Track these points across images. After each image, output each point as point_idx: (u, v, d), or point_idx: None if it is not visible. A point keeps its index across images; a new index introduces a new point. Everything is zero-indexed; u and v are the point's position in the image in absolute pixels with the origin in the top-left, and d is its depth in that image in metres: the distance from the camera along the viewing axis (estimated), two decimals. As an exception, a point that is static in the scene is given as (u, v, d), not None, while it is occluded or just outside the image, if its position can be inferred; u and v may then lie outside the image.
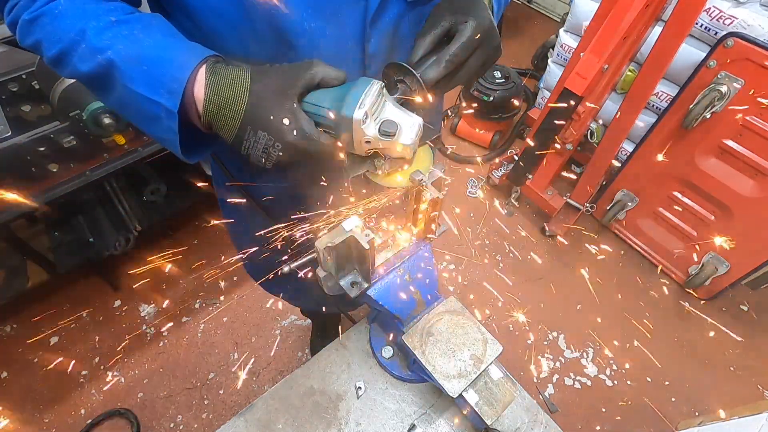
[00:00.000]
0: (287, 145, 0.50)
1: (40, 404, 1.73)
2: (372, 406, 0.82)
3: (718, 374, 1.86)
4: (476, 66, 0.58)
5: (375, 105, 0.51)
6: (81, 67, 0.52)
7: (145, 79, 0.50)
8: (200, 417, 1.71)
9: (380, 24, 0.61)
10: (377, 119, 0.51)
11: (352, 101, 0.49)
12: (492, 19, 0.57)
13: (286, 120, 0.49)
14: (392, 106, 0.53)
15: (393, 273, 0.72)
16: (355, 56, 0.63)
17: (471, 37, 0.55)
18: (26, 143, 1.39)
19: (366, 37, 0.62)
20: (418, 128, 0.54)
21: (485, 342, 0.71)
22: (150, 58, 0.50)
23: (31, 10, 0.53)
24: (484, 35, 0.56)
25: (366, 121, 0.50)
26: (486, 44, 0.57)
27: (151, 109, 0.51)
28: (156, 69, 0.50)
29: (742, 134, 1.67)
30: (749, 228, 1.78)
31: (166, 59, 0.50)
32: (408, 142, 0.53)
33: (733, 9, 1.67)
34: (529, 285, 2.12)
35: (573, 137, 1.94)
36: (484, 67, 0.60)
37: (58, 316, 1.97)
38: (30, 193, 1.49)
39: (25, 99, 1.53)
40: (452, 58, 0.55)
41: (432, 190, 0.65)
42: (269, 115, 0.49)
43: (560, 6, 3.61)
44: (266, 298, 2.04)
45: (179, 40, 0.53)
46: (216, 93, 0.50)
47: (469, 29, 0.55)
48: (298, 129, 0.49)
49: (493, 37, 0.58)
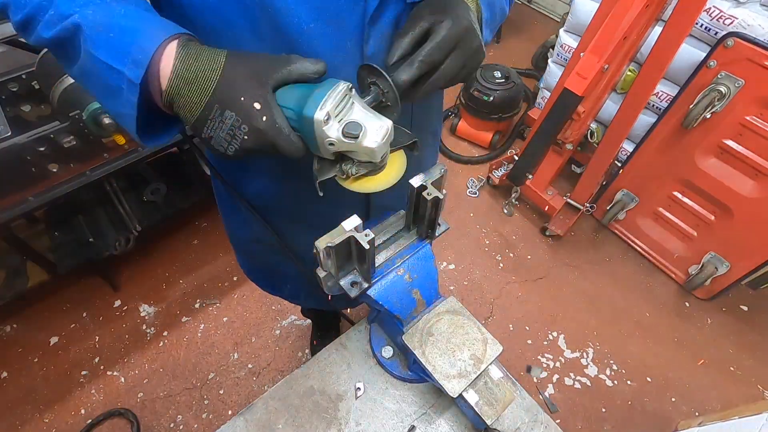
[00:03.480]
0: (254, 130, 0.47)
1: (40, 404, 1.73)
2: (372, 406, 0.82)
3: (718, 374, 1.86)
4: (454, 68, 0.55)
5: (340, 106, 0.49)
6: (44, 34, 0.49)
7: (110, 47, 0.46)
8: (200, 417, 1.71)
9: (379, 24, 0.60)
10: (341, 120, 0.50)
11: (315, 101, 0.48)
12: (471, 20, 0.55)
13: (257, 104, 0.47)
14: (360, 108, 0.52)
15: (393, 273, 0.72)
16: (353, 57, 0.62)
17: (446, 37, 0.53)
18: (26, 143, 1.39)
19: (365, 38, 0.61)
20: (386, 131, 0.52)
21: (485, 342, 0.71)
22: (118, 26, 0.47)
23: None
24: (461, 36, 0.54)
25: (329, 122, 0.48)
26: (464, 45, 0.55)
27: (113, 79, 0.47)
28: (123, 37, 0.46)
29: (742, 134, 1.67)
30: (749, 228, 1.78)
31: (135, 29, 0.47)
32: (373, 144, 0.51)
33: (733, 9, 1.68)
34: (529, 285, 2.12)
35: (573, 137, 1.94)
36: (466, 70, 0.57)
37: (58, 316, 1.97)
38: (30, 193, 1.49)
39: (25, 99, 1.53)
40: (425, 58, 0.53)
41: (432, 190, 0.65)
42: (240, 96, 0.47)
43: (560, 6, 3.61)
44: (266, 298, 2.04)
45: (154, 14, 0.51)
46: (186, 67, 0.47)
47: (444, 29, 0.53)
48: (269, 116, 0.47)
49: (471, 38, 0.55)
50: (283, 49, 0.58)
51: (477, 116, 2.58)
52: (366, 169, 0.55)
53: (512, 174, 2.18)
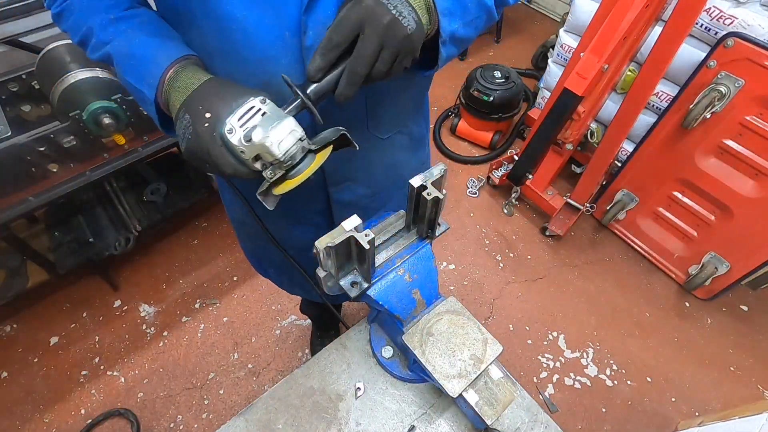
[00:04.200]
0: (194, 133, 0.53)
1: (40, 404, 1.73)
2: (372, 406, 0.82)
3: (718, 374, 1.86)
4: (369, 51, 0.51)
5: (244, 118, 0.53)
6: (93, 56, 0.66)
7: (134, 72, 0.62)
8: (200, 417, 1.71)
9: (316, 14, 0.58)
10: (245, 128, 0.53)
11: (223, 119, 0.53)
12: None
13: (207, 114, 0.53)
14: (267, 117, 0.53)
15: (393, 273, 0.72)
16: (292, 48, 0.60)
17: (344, 17, 0.50)
18: (26, 143, 1.39)
19: (302, 29, 0.59)
20: (283, 129, 0.52)
21: (485, 342, 0.71)
22: (137, 55, 0.61)
23: (56, 5, 0.68)
24: (364, 14, 0.50)
25: (232, 132, 0.52)
26: (371, 23, 0.50)
27: (139, 93, 0.63)
28: (140, 65, 0.61)
29: (742, 134, 1.67)
30: (749, 228, 1.78)
31: (150, 57, 0.61)
32: (268, 143, 0.52)
33: (733, 9, 1.67)
34: (529, 285, 2.12)
35: (573, 137, 1.94)
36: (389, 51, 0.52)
37: (58, 316, 1.97)
38: (30, 193, 1.49)
39: (25, 99, 1.53)
40: (326, 44, 0.51)
41: (432, 190, 0.65)
42: (200, 105, 0.54)
43: (560, 6, 3.61)
44: (266, 298, 2.04)
45: (161, 39, 0.63)
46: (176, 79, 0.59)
47: (343, 11, 0.51)
48: (211, 125, 0.52)
49: (379, 14, 0.50)
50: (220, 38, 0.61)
51: (477, 116, 2.58)
52: (282, 170, 0.56)
53: (512, 174, 2.18)
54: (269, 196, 0.59)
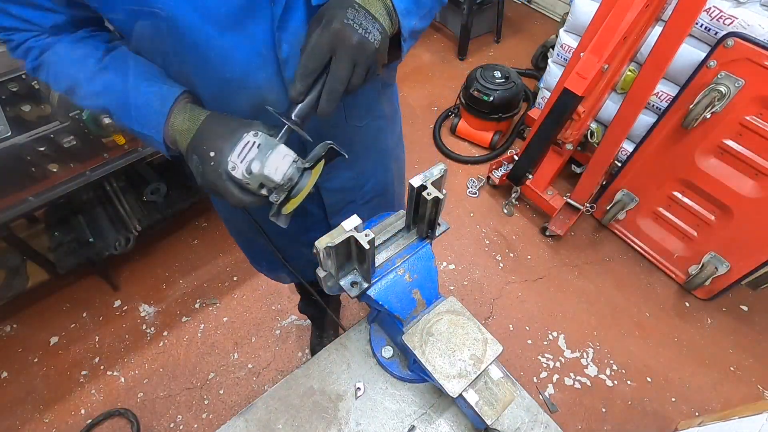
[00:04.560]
0: (202, 173, 0.60)
1: (40, 404, 1.73)
2: (372, 406, 0.82)
3: (718, 374, 1.86)
4: (343, 70, 0.54)
5: (242, 153, 0.58)
6: (85, 104, 0.69)
7: (137, 120, 0.66)
8: (200, 417, 1.71)
9: (289, 28, 0.61)
10: (245, 162, 0.58)
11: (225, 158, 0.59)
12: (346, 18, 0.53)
13: (212, 153, 0.59)
14: (262, 148, 0.58)
15: (393, 273, 0.72)
16: (269, 62, 0.63)
17: (315, 45, 0.53)
18: (26, 143, 1.39)
19: (277, 43, 0.61)
20: (277, 156, 0.58)
21: (485, 342, 0.71)
22: (135, 106, 0.65)
23: (30, 60, 0.68)
24: (333, 38, 0.53)
25: (235, 169, 0.58)
26: (342, 45, 0.53)
27: (145, 137, 0.67)
28: (142, 115, 0.65)
29: (742, 134, 1.67)
30: (749, 228, 1.78)
31: (147, 105, 0.64)
32: (264, 171, 0.57)
33: (733, 9, 1.67)
34: (529, 285, 2.12)
35: (573, 137, 1.94)
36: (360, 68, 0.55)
37: (58, 316, 1.97)
38: (30, 193, 1.49)
39: (25, 99, 1.53)
40: (302, 69, 0.54)
41: (432, 190, 0.65)
42: (203, 145, 0.60)
43: (560, 6, 3.61)
44: (266, 298, 2.04)
45: (150, 83, 0.65)
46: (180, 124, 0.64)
47: (313, 37, 0.53)
48: (216, 163, 0.59)
49: (347, 36, 0.52)
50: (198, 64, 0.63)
51: (477, 116, 2.58)
52: (284, 193, 0.61)
53: (512, 174, 2.18)
54: (280, 216, 0.64)
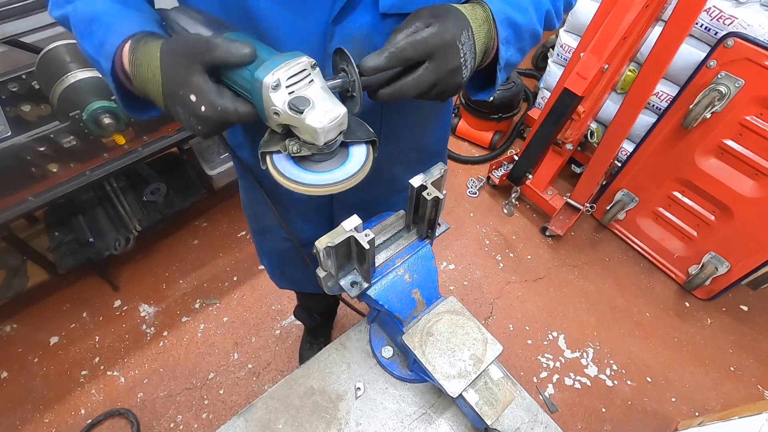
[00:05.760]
0: (201, 119, 0.50)
1: (40, 404, 1.73)
2: (372, 406, 0.82)
3: (718, 374, 1.86)
4: (425, 80, 0.52)
5: (294, 77, 0.48)
6: (53, 13, 0.61)
7: (90, 38, 0.56)
8: (200, 417, 1.71)
9: (346, 25, 0.59)
10: (292, 93, 0.48)
11: (269, 66, 0.47)
12: (460, 39, 0.52)
13: (192, 97, 0.49)
14: (317, 87, 0.50)
15: (393, 273, 0.72)
16: (317, 53, 0.60)
17: (424, 40, 0.51)
18: (26, 143, 1.39)
19: (329, 36, 0.59)
20: (335, 116, 0.49)
21: (485, 342, 0.71)
22: (97, 20, 0.55)
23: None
24: (439, 47, 0.51)
25: (277, 89, 0.47)
26: (440, 59, 0.52)
27: (96, 64, 0.56)
28: (99, 31, 0.55)
29: (742, 134, 1.67)
30: (749, 228, 1.78)
31: (108, 23, 0.55)
32: (317, 124, 0.48)
33: (733, 9, 1.67)
34: (529, 285, 2.12)
35: (573, 137, 1.94)
36: (437, 89, 0.54)
37: (58, 316, 1.97)
38: (30, 193, 1.49)
39: (25, 99, 1.53)
40: (396, 52, 0.50)
41: (432, 190, 0.65)
42: (179, 90, 0.50)
43: (560, 6, 3.61)
44: (266, 298, 2.04)
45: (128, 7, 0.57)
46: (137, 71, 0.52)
47: (426, 32, 0.51)
48: (207, 104, 0.49)
49: (449, 55, 0.52)
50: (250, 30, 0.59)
51: (477, 116, 2.58)
52: (309, 151, 0.53)
53: (512, 174, 2.18)
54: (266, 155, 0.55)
